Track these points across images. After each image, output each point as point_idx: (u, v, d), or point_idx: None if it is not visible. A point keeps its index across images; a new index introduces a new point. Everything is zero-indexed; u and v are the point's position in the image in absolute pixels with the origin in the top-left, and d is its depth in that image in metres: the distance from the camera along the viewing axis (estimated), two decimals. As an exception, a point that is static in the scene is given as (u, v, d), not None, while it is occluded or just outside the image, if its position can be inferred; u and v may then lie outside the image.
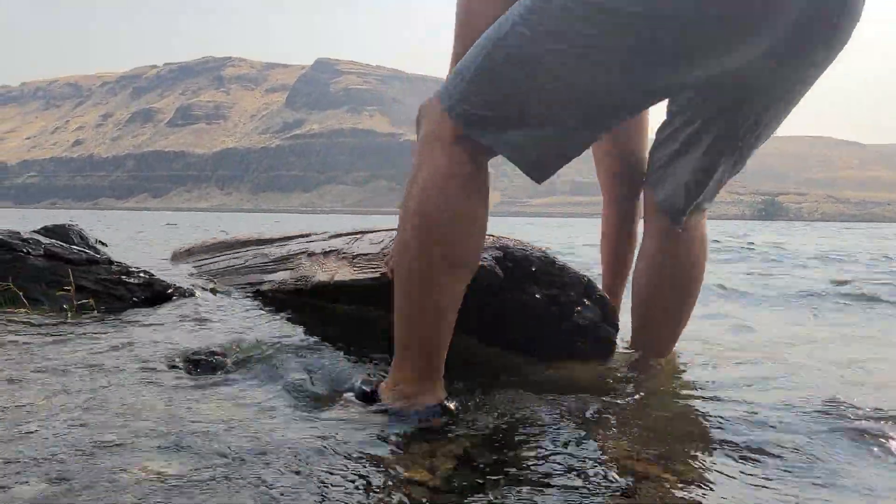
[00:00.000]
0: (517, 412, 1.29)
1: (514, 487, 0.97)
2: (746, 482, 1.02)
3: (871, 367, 1.88)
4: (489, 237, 1.59)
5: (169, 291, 2.42)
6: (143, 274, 2.43)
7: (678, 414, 1.37)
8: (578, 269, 1.72)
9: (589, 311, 1.68)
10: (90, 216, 30.20)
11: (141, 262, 2.84)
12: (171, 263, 3.78)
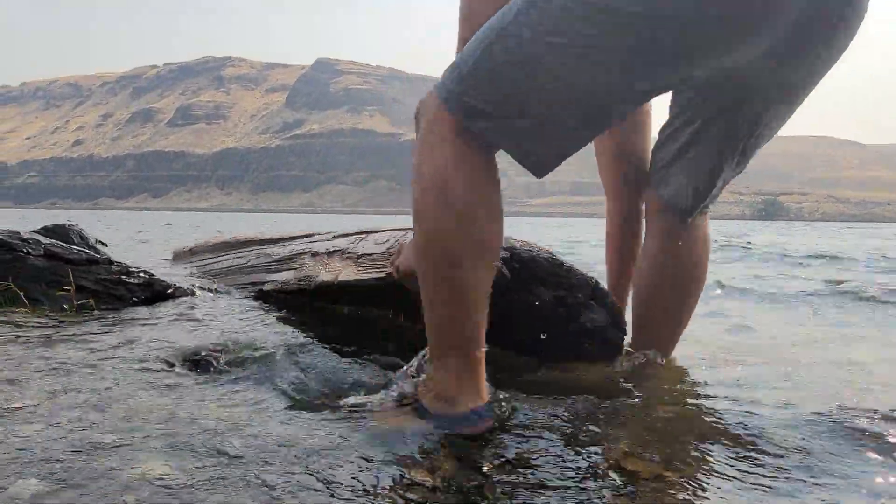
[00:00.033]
0: (517, 412, 1.29)
1: (514, 487, 0.97)
2: (746, 482, 1.02)
3: (870, 367, 1.88)
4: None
5: (169, 291, 2.43)
6: (142, 274, 2.43)
7: (678, 414, 1.37)
8: (581, 269, 1.71)
9: (596, 313, 1.67)
10: (90, 216, 30.21)
11: (141, 262, 2.85)
12: (171, 263, 3.78)
